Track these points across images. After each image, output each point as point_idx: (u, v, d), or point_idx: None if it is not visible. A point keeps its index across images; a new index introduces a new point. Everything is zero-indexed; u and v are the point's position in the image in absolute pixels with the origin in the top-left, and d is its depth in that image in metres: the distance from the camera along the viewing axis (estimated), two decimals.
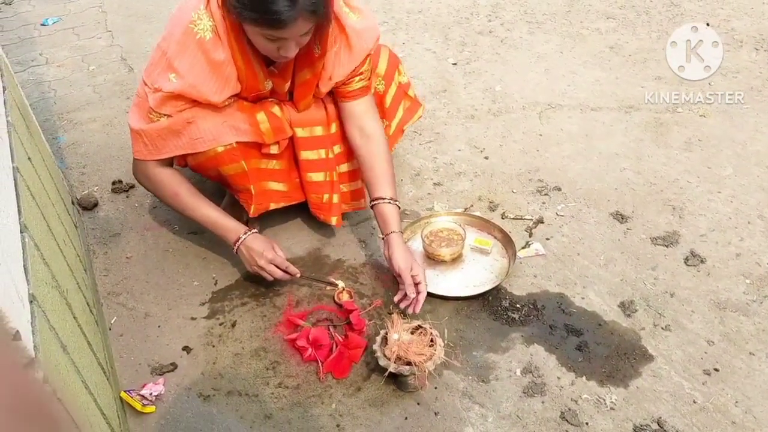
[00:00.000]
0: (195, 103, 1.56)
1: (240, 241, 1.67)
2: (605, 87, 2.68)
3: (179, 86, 1.51)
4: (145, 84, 1.57)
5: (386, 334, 1.49)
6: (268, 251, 1.66)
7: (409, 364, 1.43)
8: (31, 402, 0.40)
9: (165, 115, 1.56)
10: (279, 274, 1.67)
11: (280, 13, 1.33)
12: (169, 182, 1.68)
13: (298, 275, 1.71)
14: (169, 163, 1.69)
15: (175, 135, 1.60)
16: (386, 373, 1.44)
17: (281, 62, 1.58)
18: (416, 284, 1.62)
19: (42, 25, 3.64)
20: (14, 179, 1.29)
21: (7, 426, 0.37)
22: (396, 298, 1.68)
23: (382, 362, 1.45)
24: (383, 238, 1.71)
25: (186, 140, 1.61)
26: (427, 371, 1.42)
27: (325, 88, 1.68)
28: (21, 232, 1.15)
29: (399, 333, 1.47)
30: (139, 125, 1.60)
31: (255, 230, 1.71)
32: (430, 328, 1.50)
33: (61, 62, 3.21)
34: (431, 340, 1.48)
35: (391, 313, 1.60)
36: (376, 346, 1.49)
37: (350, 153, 1.86)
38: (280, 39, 1.42)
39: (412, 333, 1.49)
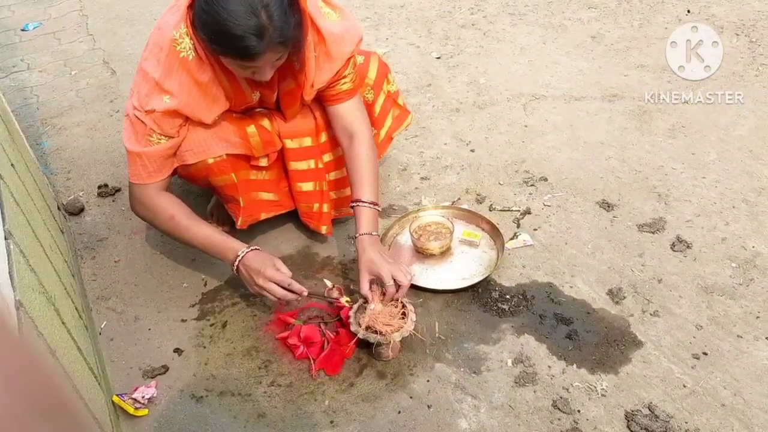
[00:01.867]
0: (188, 119, 1.53)
1: (238, 259, 1.55)
2: (588, 77, 2.69)
3: (174, 105, 1.47)
4: (136, 108, 1.50)
5: (364, 302, 1.56)
6: (268, 268, 1.52)
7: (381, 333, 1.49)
8: (48, 393, 0.40)
9: (166, 136, 1.52)
10: (281, 293, 1.53)
11: (249, 48, 1.32)
12: (165, 206, 1.61)
13: (305, 293, 1.55)
14: (166, 187, 1.64)
15: (174, 154, 1.58)
16: (355, 340, 1.51)
17: None
18: (386, 283, 1.53)
19: (23, 30, 3.62)
20: None
21: (27, 417, 0.36)
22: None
23: (353, 328, 1.51)
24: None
25: (176, 152, 1.59)
26: (392, 342, 1.48)
27: (308, 96, 1.64)
28: (6, 238, 1.14)
29: (376, 303, 1.53)
30: (138, 148, 1.53)
31: (256, 247, 1.59)
32: (408, 302, 1.55)
33: (43, 67, 3.19)
34: (403, 314, 1.53)
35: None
36: (351, 312, 1.55)
37: (339, 161, 1.85)
38: (253, 66, 1.40)
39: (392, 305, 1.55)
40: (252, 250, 1.57)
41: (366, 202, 1.64)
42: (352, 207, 1.67)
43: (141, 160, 1.55)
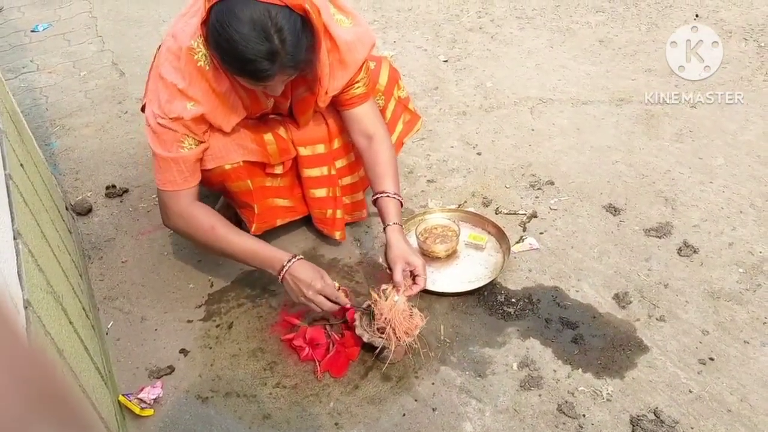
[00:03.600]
0: (210, 125, 1.53)
1: (285, 269, 1.52)
2: (596, 80, 2.69)
3: (200, 111, 1.47)
4: (159, 116, 1.47)
5: (369, 305, 1.54)
6: (317, 280, 1.51)
7: (381, 330, 1.49)
8: (52, 391, 0.40)
9: (197, 141, 1.51)
10: (328, 306, 1.52)
11: (260, 72, 1.32)
12: (204, 216, 1.58)
13: (348, 305, 1.56)
14: (197, 197, 1.61)
15: (200, 159, 1.57)
16: (386, 352, 1.49)
17: None
18: (414, 276, 1.57)
19: (32, 31, 3.64)
20: (7, 186, 1.29)
21: (23, 404, 0.36)
22: (383, 287, 1.58)
23: (358, 331, 1.51)
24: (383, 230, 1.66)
25: None
26: (395, 346, 1.48)
27: (323, 103, 1.64)
28: (14, 238, 1.15)
29: (401, 295, 1.52)
30: (172, 154, 1.50)
31: (300, 256, 1.56)
32: (412, 306, 1.54)
33: (52, 68, 3.21)
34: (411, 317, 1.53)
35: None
36: (356, 314, 1.56)
37: (352, 166, 1.86)
38: (264, 84, 1.40)
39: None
40: (298, 259, 1.54)
41: (391, 194, 1.65)
42: (376, 199, 1.67)
43: (177, 165, 1.51)
